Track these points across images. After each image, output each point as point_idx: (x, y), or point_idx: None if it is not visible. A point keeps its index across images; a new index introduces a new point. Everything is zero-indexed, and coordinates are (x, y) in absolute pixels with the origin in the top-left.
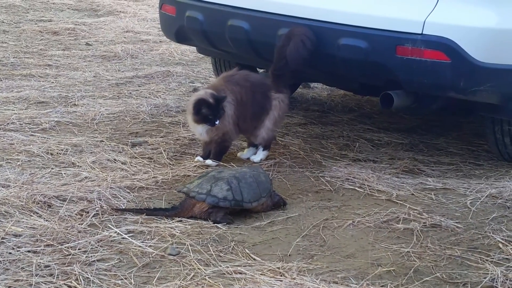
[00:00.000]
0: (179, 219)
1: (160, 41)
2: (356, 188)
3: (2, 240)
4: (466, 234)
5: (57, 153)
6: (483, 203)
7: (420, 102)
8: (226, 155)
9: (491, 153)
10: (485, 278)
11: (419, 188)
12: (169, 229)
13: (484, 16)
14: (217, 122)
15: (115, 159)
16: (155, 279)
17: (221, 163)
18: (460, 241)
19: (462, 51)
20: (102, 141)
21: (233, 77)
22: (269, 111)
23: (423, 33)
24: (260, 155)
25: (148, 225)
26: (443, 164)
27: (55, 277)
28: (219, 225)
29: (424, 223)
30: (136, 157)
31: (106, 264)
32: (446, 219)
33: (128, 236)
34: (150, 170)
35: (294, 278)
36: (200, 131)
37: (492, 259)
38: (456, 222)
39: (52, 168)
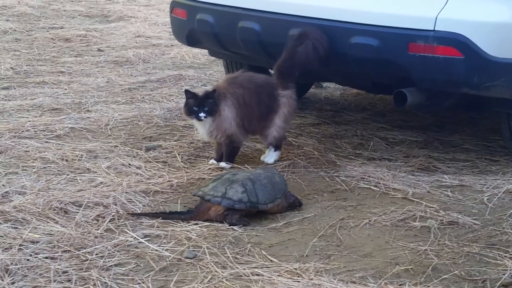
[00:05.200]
0: (195, 222)
1: (172, 45)
2: (372, 187)
3: (20, 247)
4: (484, 231)
5: (72, 159)
6: (500, 199)
7: (434, 99)
8: (241, 157)
9: (507, 149)
10: (504, 274)
11: (435, 186)
12: (185, 232)
13: (496, 10)
14: (201, 115)
15: (129, 164)
16: (172, 283)
17: (236, 165)
18: (478, 238)
19: (475, 46)
20: (116, 146)
21: (237, 79)
22: (278, 109)
23: (435, 29)
24: (273, 156)
25: (164, 229)
26: (458, 161)
27: (73, 282)
28: (235, 228)
29: (441, 220)
30: (150, 161)
31: (124, 269)
32: (463, 216)
33: (145, 240)
34: (165, 174)
35: (311, 279)
36: (201, 131)
37: (511, 255)
38: (474, 219)
39: (67, 174)
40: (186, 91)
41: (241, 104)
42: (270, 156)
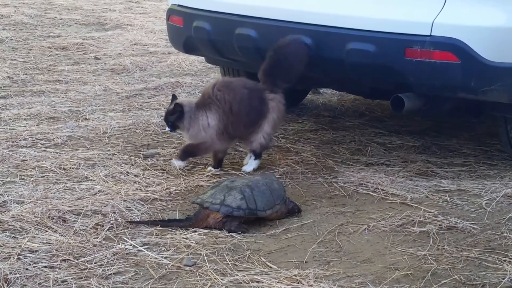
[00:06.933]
0: (194, 229)
1: (169, 52)
2: (370, 193)
3: (19, 257)
4: (483, 235)
5: (70, 167)
6: (499, 203)
7: (431, 104)
8: (237, 163)
9: (504, 153)
10: (503, 278)
11: (434, 190)
12: (184, 240)
13: (492, 15)
14: (167, 129)
15: (127, 172)
16: None
17: (234, 172)
18: (477, 243)
19: (471, 51)
20: (114, 154)
21: (224, 85)
22: (267, 114)
23: (432, 34)
24: (252, 164)
25: (163, 236)
26: (456, 166)
27: None
28: (234, 234)
29: (440, 225)
30: (148, 169)
31: (123, 277)
32: (462, 220)
33: (144, 248)
34: (163, 181)
35: (311, 285)
36: (184, 136)
37: (510, 259)
38: (472, 223)
39: (65, 183)
40: (173, 96)
41: (226, 111)
42: (249, 164)
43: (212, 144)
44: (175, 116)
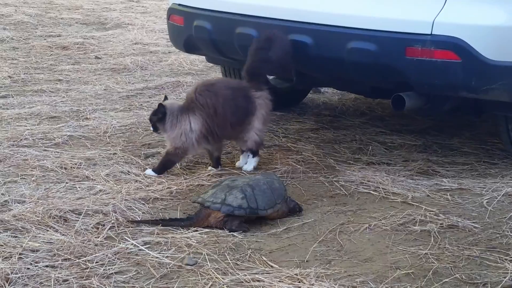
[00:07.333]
0: (195, 229)
1: (169, 52)
2: (371, 192)
3: (20, 256)
4: (484, 234)
5: (71, 167)
6: (500, 202)
7: (432, 103)
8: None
9: (505, 152)
10: (505, 277)
11: (435, 189)
12: (186, 239)
13: (493, 14)
14: (151, 129)
15: (128, 171)
16: None
17: (235, 171)
18: (478, 241)
19: (472, 50)
20: (115, 153)
21: (208, 88)
22: (255, 111)
23: (433, 33)
24: (252, 163)
25: (164, 236)
26: (457, 164)
27: None
28: (235, 234)
29: (441, 224)
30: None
31: (124, 277)
32: (463, 219)
33: (145, 248)
34: (164, 181)
35: (312, 284)
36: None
37: (511, 258)
38: (473, 222)
39: (66, 183)
40: (165, 97)
41: (210, 115)
42: (249, 163)
43: (189, 149)
44: (157, 117)
